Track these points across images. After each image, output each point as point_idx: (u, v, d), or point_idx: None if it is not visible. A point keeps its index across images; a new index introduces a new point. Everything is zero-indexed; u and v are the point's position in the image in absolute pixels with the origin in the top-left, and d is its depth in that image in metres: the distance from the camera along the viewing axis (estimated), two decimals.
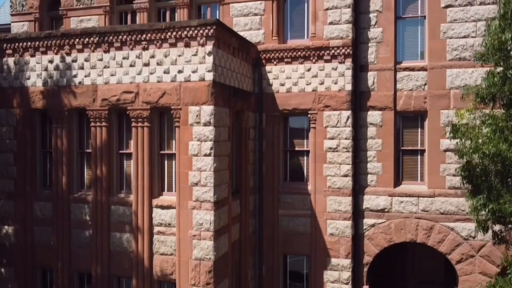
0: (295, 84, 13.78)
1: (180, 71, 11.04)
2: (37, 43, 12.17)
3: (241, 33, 14.15)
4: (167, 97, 11.13)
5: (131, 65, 11.43)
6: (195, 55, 10.90)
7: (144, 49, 11.30)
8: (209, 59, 10.81)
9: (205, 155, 10.84)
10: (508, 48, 9.38)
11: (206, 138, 10.83)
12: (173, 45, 11.07)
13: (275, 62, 13.92)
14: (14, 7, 16.78)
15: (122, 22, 15.88)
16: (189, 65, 10.97)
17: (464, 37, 13.16)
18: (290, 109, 13.85)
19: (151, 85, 11.26)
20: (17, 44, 12.37)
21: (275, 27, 14.00)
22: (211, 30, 10.72)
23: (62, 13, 16.09)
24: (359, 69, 13.83)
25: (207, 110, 10.81)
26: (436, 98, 13.35)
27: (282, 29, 14.22)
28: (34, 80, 12.30)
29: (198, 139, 10.90)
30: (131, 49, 11.40)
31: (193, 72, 10.93)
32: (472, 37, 13.11)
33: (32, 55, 12.29)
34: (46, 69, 12.18)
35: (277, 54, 13.85)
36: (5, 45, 12.50)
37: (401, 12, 13.96)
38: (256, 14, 14.10)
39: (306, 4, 14.16)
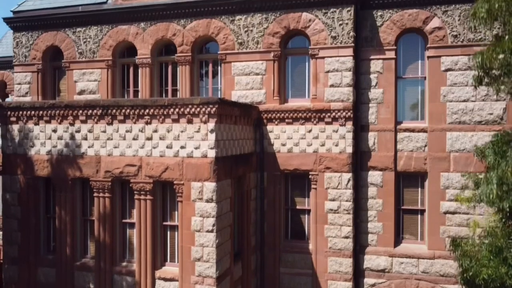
0: (296, 144, 13.89)
1: (182, 147, 11.15)
2: (40, 112, 12.28)
3: (242, 92, 14.32)
4: (169, 172, 11.25)
5: (134, 138, 11.55)
6: (198, 131, 11.02)
7: (147, 123, 11.41)
8: (212, 136, 10.93)
9: (208, 231, 10.96)
10: None
11: (209, 214, 10.95)
12: (176, 120, 11.18)
13: (276, 122, 14.04)
14: (17, 57, 16.91)
15: (124, 75, 16.03)
16: (191, 141, 11.08)
17: (464, 101, 13.27)
18: (291, 169, 13.97)
19: (154, 159, 11.37)
20: (20, 112, 12.49)
21: (276, 87, 14.11)
22: (213, 109, 10.84)
23: (65, 65, 16.23)
24: (360, 129, 13.95)
25: (210, 187, 10.93)
26: (436, 161, 13.46)
27: (283, 89, 14.33)
28: (38, 148, 12.41)
29: (200, 215, 11.02)
30: (134, 123, 11.51)
31: (196, 148, 11.04)
32: (472, 101, 13.22)
33: (36, 124, 12.41)
34: (49, 138, 12.30)
35: (278, 114, 13.97)
36: (9, 112, 12.62)
37: (401, 72, 14.07)
38: (257, 74, 14.21)
39: (307, 65, 14.26)
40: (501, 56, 8.96)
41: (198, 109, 10.94)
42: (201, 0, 14.54)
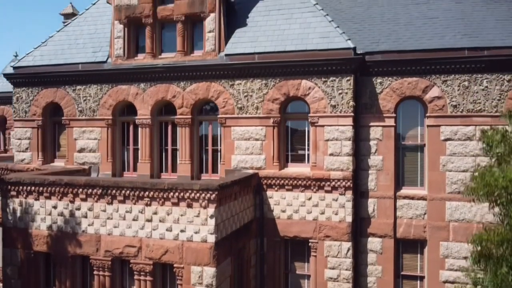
0: (296, 211, 13.91)
1: (182, 230, 11.18)
2: (41, 188, 12.31)
3: (242, 157, 14.34)
4: (169, 255, 11.27)
5: (134, 219, 11.57)
6: (197, 216, 11.04)
7: (147, 205, 11.44)
8: (211, 222, 10.95)
9: None
10: None
11: None
12: (176, 204, 11.21)
13: (276, 188, 14.05)
14: (17, 112, 16.93)
15: (124, 132, 16.05)
16: (191, 225, 11.11)
17: (464, 171, 13.28)
18: (291, 236, 13.99)
19: (154, 241, 11.40)
20: (21, 187, 12.51)
21: (276, 153, 14.12)
22: (213, 195, 10.86)
23: (65, 122, 16.25)
24: (360, 195, 13.97)
25: (210, 272, 10.95)
26: (436, 229, 13.48)
27: (283, 154, 14.34)
28: (38, 224, 12.44)
29: None
30: (134, 204, 11.54)
31: (195, 233, 11.07)
32: (471, 172, 13.21)
33: (36, 199, 12.44)
34: (50, 214, 12.32)
35: (278, 181, 13.98)
36: (9, 186, 12.64)
37: (401, 138, 14.08)
38: (257, 139, 14.22)
39: (306, 129, 14.27)
40: None
41: (198, 194, 10.96)
42: (201, 64, 14.54)
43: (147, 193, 11.37)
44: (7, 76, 17.06)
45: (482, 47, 13.18)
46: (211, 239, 10.95)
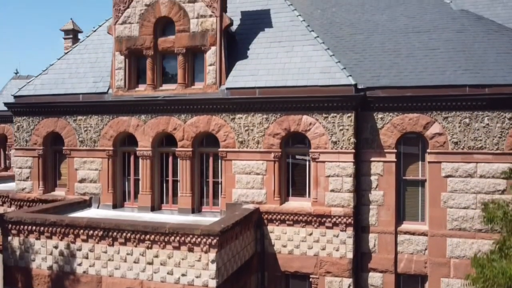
0: (297, 246, 13.90)
1: (183, 274, 11.18)
2: (42, 228, 12.31)
3: (243, 191, 14.34)
4: None
5: (135, 262, 11.58)
6: (199, 260, 11.04)
7: (148, 248, 11.44)
8: (213, 266, 10.95)
9: None
10: None
11: None
12: (177, 248, 11.20)
13: (277, 223, 14.05)
14: (18, 141, 16.92)
15: (125, 162, 16.05)
16: (192, 270, 11.11)
17: (465, 208, 13.27)
18: (292, 271, 13.99)
19: (155, 284, 11.40)
20: (22, 226, 12.51)
21: (277, 187, 14.12)
22: (214, 240, 10.86)
23: (66, 152, 16.25)
24: (361, 230, 13.97)
25: None
26: (437, 266, 13.48)
27: (284, 189, 14.35)
28: (39, 263, 12.44)
29: None
30: (135, 246, 11.54)
31: (197, 277, 11.07)
32: (472, 209, 13.22)
33: (37, 238, 12.44)
34: (51, 253, 12.33)
35: (279, 216, 13.98)
36: (10, 225, 12.64)
37: (402, 173, 14.08)
38: (258, 174, 14.22)
39: (307, 164, 14.27)
40: None
41: (199, 239, 10.96)
42: (201, 98, 14.54)
43: (148, 236, 11.37)
44: (8, 105, 17.06)
45: (483, 85, 13.17)
46: (213, 284, 10.95)
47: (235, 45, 15.51)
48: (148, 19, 15.23)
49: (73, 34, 29.13)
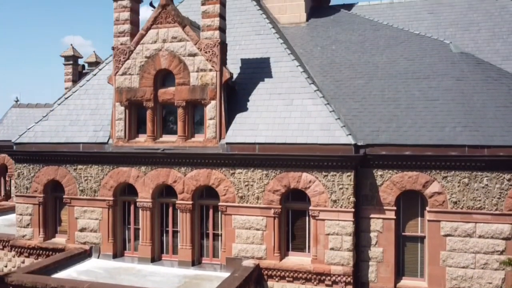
0: None
1: None
2: None
3: (243, 246, 14.43)
4: None
5: None
6: None
7: None
8: None
9: None
10: None
11: None
12: None
13: (277, 279, 14.11)
14: (18, 188, 16.96)
15: (125, 211, 16.11)
16: None
17: (464, 267, 13.33)
18: None
19: None
20: None
21: (277, 243, 14.18)
22: None
23: (66, 200, 16.32)
24: (360, 286, 14.02)
25: None
26: None
27: (284, 245, 14.42)
28: None
29: None
30: None
31: None
32: (471, 268, 13.27)
33: None
34: None
35: (279, 272, 14.04)
36: None
37: (401, 229, 14.13)
38: (258, 229, 14.27)
39: (307, 219, 14.32)
40: None
41: None
42: (201, 153, 14.58)
43: None
44: (9, 153, 17.13)
45: (483, 145, 13.21)
46: None
47: (235, 94, 15.55)
48: (148, 71, 15.27)
49: (73, 60, 29.29)
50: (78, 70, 29.88)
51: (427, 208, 13.68)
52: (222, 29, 14.93)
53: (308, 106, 14.58)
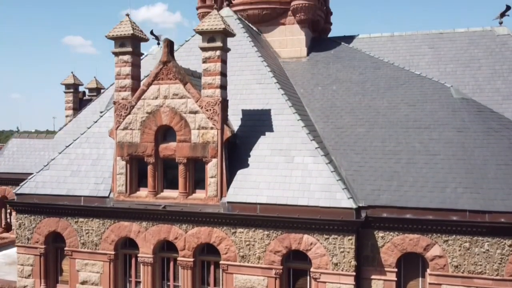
0: None
1: None
2: None
3: None
4: None
5: None
6: None
7: None
8: None
9: None
10: None
11: None
12: None
13: None
14: (19, 239, 16.98)
15: (126, 264, 16.13)
16: None
17: None
18: None
19: None
20: None
21: None
22: None
23: (67, 253, 16.36)
24: None
25: None
26: None
27: None
28: None
29: None
30: None
31: None
32: None
33: None
34: None
35: None
36: None
37: None
38: None
39: (308, 279, 14.34)
40: None
41: None
42: (202, 212, 14.59)
43: None
44: (10, 203, 17.15)
45: (484, 211, 13.24)
46: None
47: (236, 148, 15.56)
48: (149, 127, 15.28)
49: (73, 88, 29.32)
50: (79, 97, 29.93)
51: (428, 271, 13.71)
52: (223, 87, 14.93)
53: (309, 164, 14.58)
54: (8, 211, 27.20)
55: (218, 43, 14.69)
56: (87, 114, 26.81)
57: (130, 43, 15.47)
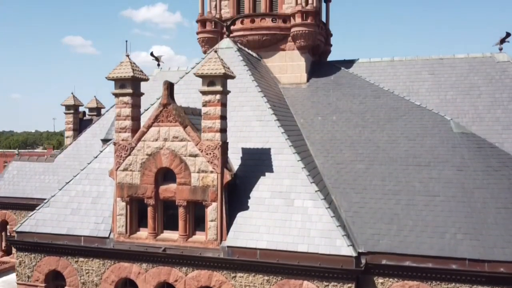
0: None
1: None
2: None
3: None
4: None
5: None
6: None
7: None
8: None
9: None
10: None
11: None
12: None
13: None
14: (20, 276, 17.01)
15: None
16: None
17: None
18: None
19: None
20: None
21: None
22: None
23: None
24: None
25: None
26: None
27: None
28: None
29: None
30: None
31: None
32: None
33: None
34: None
35: None
36: None
37: None
38: None
39: None
40: None
41: None
42: (202, 256, 14.62)
43: None
44: (11, 241, 17.17)
45: (483, 260, 13.26)
46: None
47: (236, 189, 15.56)
48: (149, 169, 15.30)
49: (74, 109, 29.31)
50: (79, 117, 29.94)
51: None
52: (223, 130, 14.94)
53: (309, 208, 14.59)
54: (9, 235, 27.19)
55: (218, 87, 14.71)
56: (87, 137, 26.86)
57: (130, 85, 15.48)
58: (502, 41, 23.66)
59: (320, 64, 25.50)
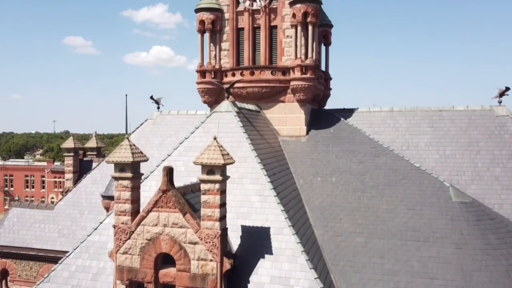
0: None
1: None
2: None
3: None
4: None
5: None
6: None
7: None
8: None
9: None
10: None
11: None
12: None
13: None
14: None
15: None
16: None
17: None
18: None
19: None
20: None
21: None
22: None
23: None
24: None
25: None
26: None
27: None
28: None
29: None
30: None
31: None
32: None
33: None
34: None
35: None
36: None
37: None
38: None
39: None
40: None
41: None
42: None
43: None
44: None
45: None
46: None
47: (236, 271, 15.60)
48: (149, 253, 15.33)
49: (73, 152, 29.37)
50: (79, 158, 29.98)
51: None
52: (222, 218, 14.96)
53: None
54: (10, 283, 27.31)
55: (217, 176, 14.72)
56: (87, 184, 26.92)
57: (130, 169, 15.48)
58: (502, 94, 23.68)
59: (319, 113, 25.57)
